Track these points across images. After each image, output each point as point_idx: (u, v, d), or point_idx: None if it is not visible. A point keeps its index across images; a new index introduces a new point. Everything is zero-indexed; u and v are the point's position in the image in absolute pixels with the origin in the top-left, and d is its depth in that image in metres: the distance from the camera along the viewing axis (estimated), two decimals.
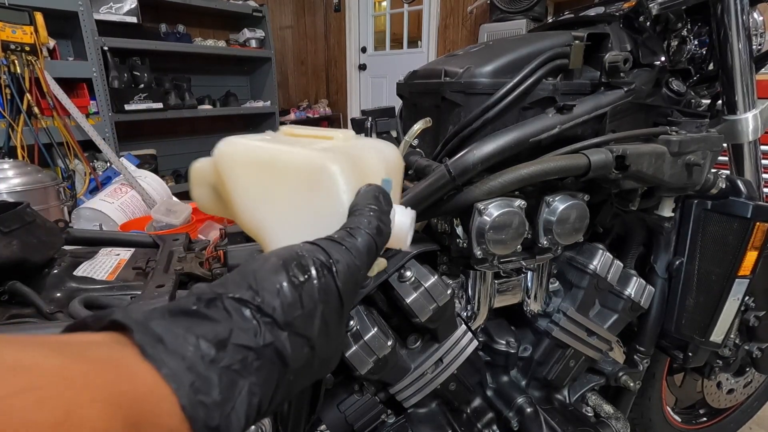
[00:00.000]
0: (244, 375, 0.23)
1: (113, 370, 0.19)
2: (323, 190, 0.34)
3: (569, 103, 0.66)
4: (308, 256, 0.29)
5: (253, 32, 3.83)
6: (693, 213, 0.82)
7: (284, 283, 0.26)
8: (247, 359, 0.23)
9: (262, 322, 0.25)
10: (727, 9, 0.78)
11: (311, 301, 0.27)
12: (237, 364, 0.23)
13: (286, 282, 0.27)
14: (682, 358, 0.88)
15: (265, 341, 0.24)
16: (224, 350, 0.23)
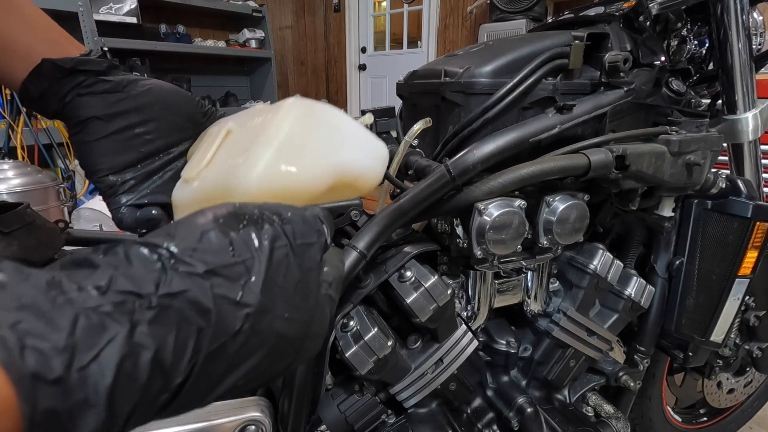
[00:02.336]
0: (122, 322, 0.19)
1: None
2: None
3: (569, 103, 0.66)
4: (248, 208, 0.26)
5: (253, 32, 3.84)
6: (693, 213, 0.82)
7: (211, 230, 0.23)
8: (129, 305, 0.19)
9: (170, 267, 0.21)
10: (727, 9, 0.78)
11: (247, 251, 0.24)
12: (110, 307, 0.19)
13: (213, 227, 0.23)
14: (683, 357, 0.88)
15: (170, 289, 0.21)
16: (101, 295, 0.19)
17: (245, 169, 0.36)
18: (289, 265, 0.25)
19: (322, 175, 0.38)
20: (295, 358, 0.27)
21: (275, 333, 0.24)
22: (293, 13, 4.80)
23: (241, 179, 0.35)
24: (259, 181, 0.35)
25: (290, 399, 0.57)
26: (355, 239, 0.59)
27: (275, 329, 0.24)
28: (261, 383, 0.28)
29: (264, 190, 0.35)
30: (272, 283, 0.24)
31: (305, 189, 0.37)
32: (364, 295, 0.64)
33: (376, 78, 4.74)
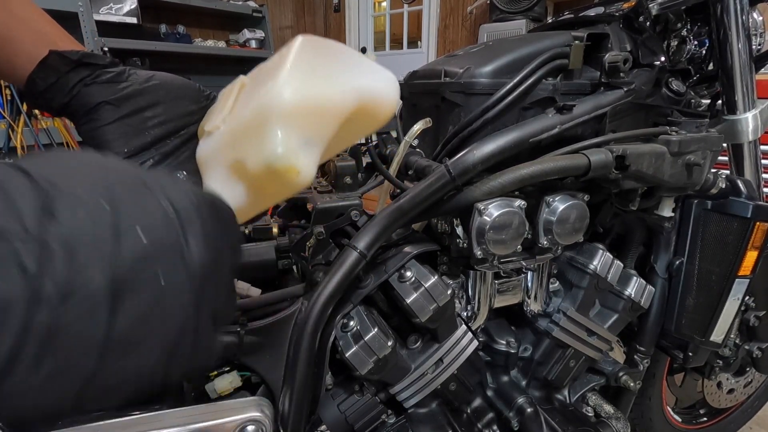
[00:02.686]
0: None
1: None
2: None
3: (569, 103, 0.66)
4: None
5: (253, 33, 3.83)
6: (693, 213, 0.82)
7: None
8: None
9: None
10: (726, 9, 0.78)
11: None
12: None
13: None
14: (683, 357, 0.88)
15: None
16: None
17: (273, 90, 0.35)
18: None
19: (344, 93, 0.37)
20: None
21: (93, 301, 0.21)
22: (293, 13, 4.80)
23: (273, 99, 0.34)
24: (289, 95, 0.34)
25: (290, 399, 0.57)
26: (355, 239, 0.59)
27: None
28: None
29: (297, 105, 0.34)
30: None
31: (334, 107, 0.36)
32: (364, 295, 0.64)
33: None
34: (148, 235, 0.22)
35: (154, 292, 0.23)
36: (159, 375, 0.25)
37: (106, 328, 0.21)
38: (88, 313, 0.20)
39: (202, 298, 0.26)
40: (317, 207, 0.64)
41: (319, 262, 0.66)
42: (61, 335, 0.20)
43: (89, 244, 0.20)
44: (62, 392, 0.21)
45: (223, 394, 0.60)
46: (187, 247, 0.24)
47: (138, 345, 0.23)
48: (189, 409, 0.54)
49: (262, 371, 0.59)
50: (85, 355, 0.21)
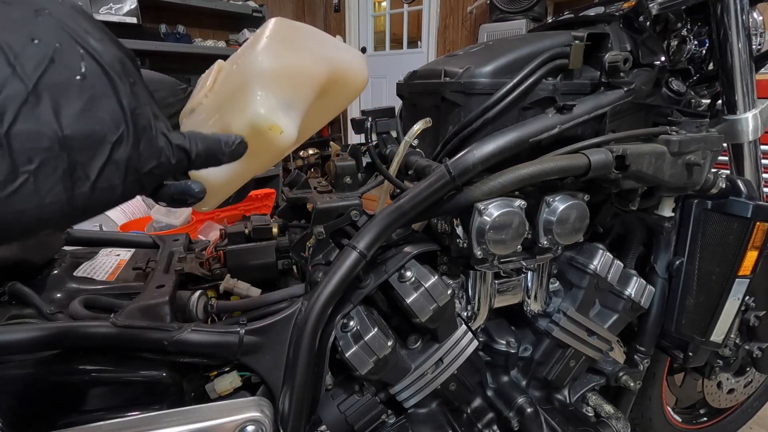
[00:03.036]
0: None
1: None
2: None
3: (569, 103, 0.66)
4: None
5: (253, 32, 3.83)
6: (693, 213, 0.82)
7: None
8: None
9: None
10: (727, 9, 0.78)
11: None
12: None
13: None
14: (683, 357, 0.88)
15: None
16: None
17: (252, 57, 0.37)
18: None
19: (317, 62, 0.40)
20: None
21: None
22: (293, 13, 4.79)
23: (253, 64, 0.37)
24: (267, 60, 0.37)
25: (290, 399, 0.57)
26: (355, 239, 0.59)
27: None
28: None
29: (275, 70, 0.37)
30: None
31: (310, 72, 0.39)
32: (364, 295, 0.64)
33: (376, 78, 4.74)
34: (41, 40, 0.24)
35: (78, 87, 0.25)
36: (134, 167, 0.27)
37: (55, 124, 0.23)
38: (28, 115, 0.23)
39: (137, 86, 0.27)
40: (317, 207, 0.64)
41: (319, 262, 0.66)
42: (16, 139, 0.22)
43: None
44: (54, 190, 0.24)
45: (223, 394, 0.60)
46: (87, 44, 0.26)
47: (101, 137, 0.25)
48: (189, 409, 0.54)
49: (262, 371, 0.59)
50: (53, 151, 0.23)
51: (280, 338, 0.60)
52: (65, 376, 0.53)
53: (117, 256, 0.78)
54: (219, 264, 0.79)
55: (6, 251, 0.61)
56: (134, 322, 0.55)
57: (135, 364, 0.56)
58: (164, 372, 0.57)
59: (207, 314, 0.67)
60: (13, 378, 0.51)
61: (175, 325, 0.56)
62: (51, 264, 0.69)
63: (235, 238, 0.80)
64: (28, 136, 0.23)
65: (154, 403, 0.56)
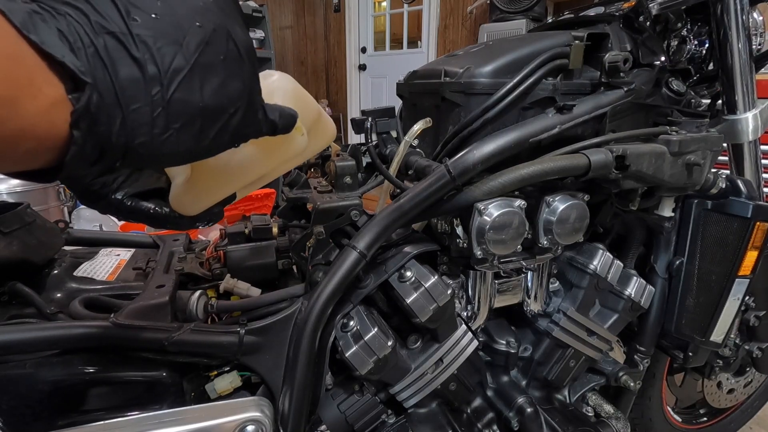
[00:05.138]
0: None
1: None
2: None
3: (569, 103, 0.66)
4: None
5: (253, 32, 3.83)
6: (693, 213, 0.82)
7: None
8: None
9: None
10: (727, 9, 0.78)
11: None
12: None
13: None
14: (683, 357, 0.88)
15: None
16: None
17: (277, 77, 0.44)
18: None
19: (314, 105, 0.46)
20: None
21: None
22: (293, 13, 4.80)
23: (279, 81, 0.43)
24: (290, 82, 0.44)
25: (290, 399, 0.57)
26: (355, 239, 0.59)
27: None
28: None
29: (294, 90, 0.44)
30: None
31: (312, 105, 0.45)
32: (364, 295, 0.64)
33: (376, 78, 4.74)
34: (202, 24, 0.29)
35: (220, 67, 0.30)
36: (239, 133, 0.34)
37: (199, 96, 0.29)
38: (185, 86, 0.28)
39: (254, 68, 0.33)
40: (317, 207, 0.64)
41: (319, 262, 0.66)
42: (173, 103, 0.28)
43: (166, 39, 0.28)
44: (187, 142, 0.30)
45: (223, 394, 0.60)
46: (234, 31, 0.31)
47: (224, 109, 0.31)
48: (189, 409, 0.54)
49: (262, 371, 0.60)
50: (193, 116, 0.30)
51: (280, 338, 0.60)
52: (65, 376, 0.53)
53: (117, 256, 0.78)
54: (219, 264, 0.79)
55: (6, 251, 0.61)
56: (134, 322, 0.55)
57: (135, 364, 0.56)
58: (164, 372, 0.57)
59: (207, 314, 0.67)
60: (13, 378, 0.51)
61: (175, 325, 0.56)
62: (51, 264, 0.69)
63: (235, 238, 0.80)
64: (182, 103, 0.29)
65: (154, 403, 0.56)
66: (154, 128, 0.28)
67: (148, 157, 0.30)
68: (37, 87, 0.24)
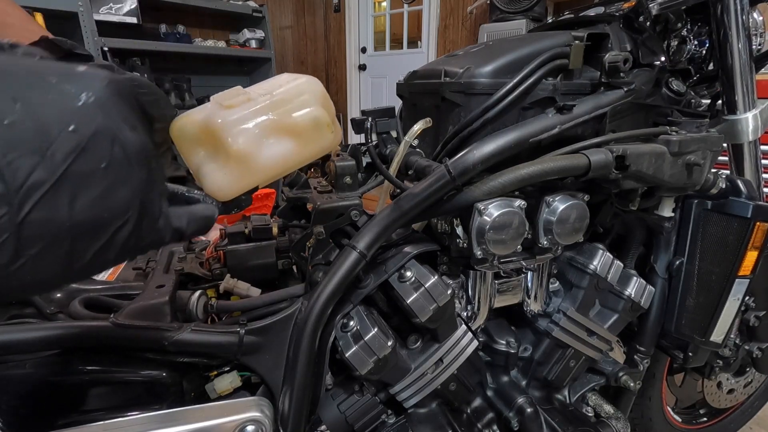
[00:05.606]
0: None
1: None
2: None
3: (569, 103, 0.66)
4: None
5: (253, 32, 3.83)
6: (693, 213, 0.82)
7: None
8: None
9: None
10: (727, 9, 0.78)
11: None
12: None
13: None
14: (683, 358, 0.88)
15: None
16: None
17: (305, 78, 0.48)
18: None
19: (333, 107, 0.51)
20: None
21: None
22: (293, 13, 4.80)
23: (309, 82, 0.48)
24: (320, 85, 0.49)
25: (290, 399, 0.57)
26: (355, 239, 0.59)
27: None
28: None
29: (322, 92, 0.48)
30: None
31: (332, 107, 0.49)
32: (364, 295, 0.64)
33: (376, 78, 4.74)
34: (77, 128, 0.24)
35: (100, 176, 0.25)
36: (130, 247, 0.28)
37: (66, 212, 0.24)
38: (46, 204, 0.23)
39: (149, 172, 0.28)
40: (317, 207, 0.64)
41: (319, 262, 0.66)
42: (27, 226, 0.23)
43: (22, 149, 0.23)
44: (52, 269, 0.25)
45: (223, 394, 0.60)
46: (121, 133, 0.26)
47: (106, 224, 0.26)
48: (189, 409, 0.54)
49: (262, 371, 0.60)
50: (58, 237, 0.24)
51: (280, 338, 0.60)
52: (65, 376, 0.53)
53: None
54: (219, 264, 0.79)
55: None
56: (134, 322, 0.55)
57: (135, 364, 0.56)
58: (164, 372, 0.57)
59: (207, 314, 0.67)
60: (13, 378, 0.51)
61: (175, 325, 0.56)
62: None
63: (235, 238, 0.80)
64: (39, 224, 0.24)
65: (154, 403, 0.56)
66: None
67: (3, 290, 0.25)
68: None
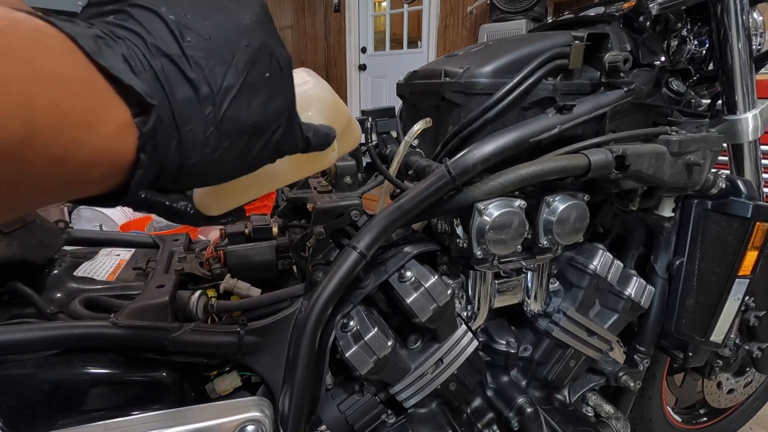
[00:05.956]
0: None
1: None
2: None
3: (569, 103, 0.66)
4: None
5: None
6: (693, 213, 0.82)
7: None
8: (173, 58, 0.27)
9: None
10: (727, 9, 0.78)
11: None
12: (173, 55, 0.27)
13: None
14: (683, 358, 0.88)
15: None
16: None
17: (313, 86, 0.44)
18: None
19: (346, 111, 0.47)
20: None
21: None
22: (293, 13, 4.80)
23: (315, 92, 0.44)
24: (326, 92, 0.44)
25: (290, 399, 0.57)
26: (355, 239, 0.59)
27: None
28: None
29: (329, 101, 0.44)
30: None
31: (343, 114, 0.46)
32: (364, 295, 0.64)
33: (376, 78, 4.74)
34: (249, 43, 0.30)
35: (265, 85, 0.31)
36: (279, 149, 0.35)
37: (247, 113, 0.30)
38: (235, 105, 0.29)
39: (293, 85, 0.34)
40: (317, 207, 0.64)
41: (319, 262, 0.66)
42: (224, 122, 0.29)
43: (217, 59, 0.28)
44: (235, 159, 0.31)
45: (223, 394, 0.60)
46: (276, 48, 0.33)
47: (268, 125, 0.32)
48: (189, 409, 0.54)
49: (262, 371, 0.60)
50: (241, 133, 0.30)
51: (280, 338, 0.60)
52: (65, 376, 0.53)
53: (117, 256, 0.78)
54: (219, 264, 0.79)
55: (6, 251, 0.61)
56: (134, 322, 0.55)
57: (135, 364, 0.56)
58: (164, 372, 0.57)
59: (207, 314, 0.67)
60: (13, 378, 0.51)
61: (175, 325, 0.56)
62: (51, 264, 0.69)
63: (235, 238, 0.80)
64: (232, 121, 0.29)
65: (154, 403, 0.56)
66: (205, 148, 0.28)
67: (199, 177, 0.30)
68: (108, 110, 0.24)
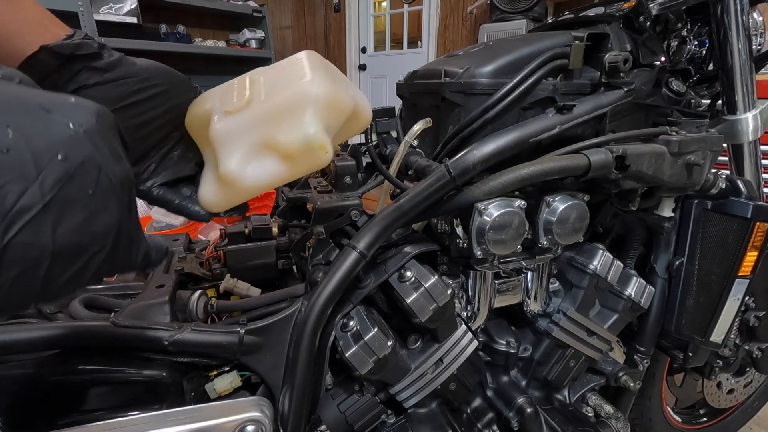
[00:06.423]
0: None
1: None
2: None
3: (569, 104, 0.66)
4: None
5: (253, 32, 3.84)
6: (693, 213, 0.82)
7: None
8: None
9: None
10: (727, 9, 0.78)
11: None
12: None
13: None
14: (682, 358, 0.88)
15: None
16: None
17: (308, 84, 0.43)
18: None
19: (349, 98, 0.46)
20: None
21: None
22: (293, 13, 4.80)
23: (310, 90, 0.43)
24: (322, 90, 0.43)
25: (290, 399, 0.57)
26: (355, 239, 0.59)
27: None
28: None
29: (326, 99, 0.43)
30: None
31: (345, 106, 0.45)
32: (364, 295, 0.64)
33: (376, 78, 4.74)
34: (67, 157, 0.26)
35: (86, 202, 0.27)
36: (103, 271, 0.30)
37: (50, 237, 0.25)
38: (31, 228, 0.24)
39: (130, 200, 0.30)
40: (317, 207, 0.64)
41: (319, 262, 0.66)
42: (10, 249, 0.24)
43: (12, 175, 0.24)
44: (26, 291, 0.26)
45: (223, 394, 0.60)
46: (106, 162, 0.28)
47: (84, 249, 0.27)
48: (189, 409, 0.54)
49: (262, 371, 0.59)
50: (38, 260, 0.25)
51: (280, 338, 0.60)
52: (65, 376, 0.53)
53: None
54: (219, 264, 0.79)
55: None
56: (134, 321, 0.55)
57: (135, 364, 0.56)
58: (164, 372, 0.56)
59: (207, 314, 0.67)
60: (13, 378, 0.51)
61: (175, 325, 0.56)
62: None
63: (235, 238, 0.80)
64: (23, 247, 0.24)
65: (154, 403, 0.56)
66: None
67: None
68: None
